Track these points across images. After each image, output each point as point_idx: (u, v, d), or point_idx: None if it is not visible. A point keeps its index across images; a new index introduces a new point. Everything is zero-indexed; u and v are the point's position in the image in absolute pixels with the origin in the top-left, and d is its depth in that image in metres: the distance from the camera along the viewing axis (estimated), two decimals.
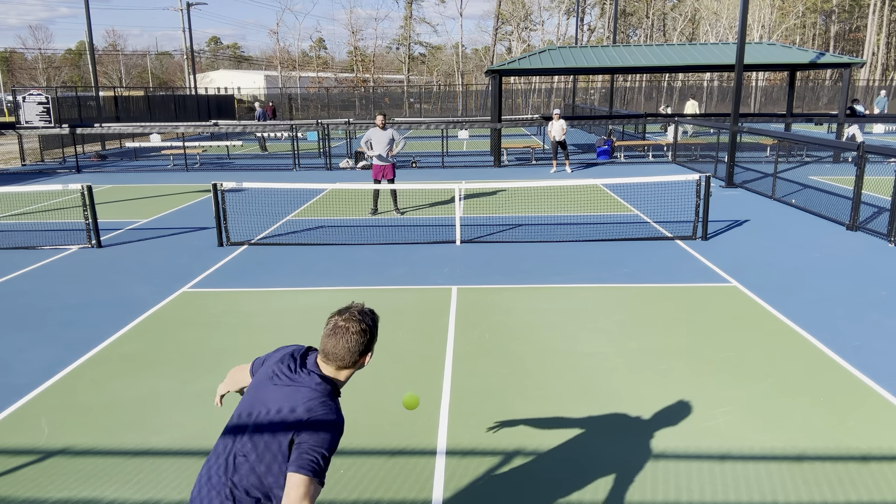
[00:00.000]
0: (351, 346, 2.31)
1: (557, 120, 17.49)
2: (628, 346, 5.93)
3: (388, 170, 12.07)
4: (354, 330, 2.31)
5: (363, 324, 2.33)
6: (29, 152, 23.13)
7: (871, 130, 29.20)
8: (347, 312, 2.35)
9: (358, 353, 2.33)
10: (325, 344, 2.33)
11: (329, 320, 2.36)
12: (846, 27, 66.89)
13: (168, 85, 73.33)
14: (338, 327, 2.32)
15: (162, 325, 6.70)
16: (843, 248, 9.26)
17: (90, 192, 9.95)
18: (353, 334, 2.31)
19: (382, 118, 12.01)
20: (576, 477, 4.01)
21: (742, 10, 13.97)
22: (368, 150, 12.01)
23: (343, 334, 2.30)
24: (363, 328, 2.33)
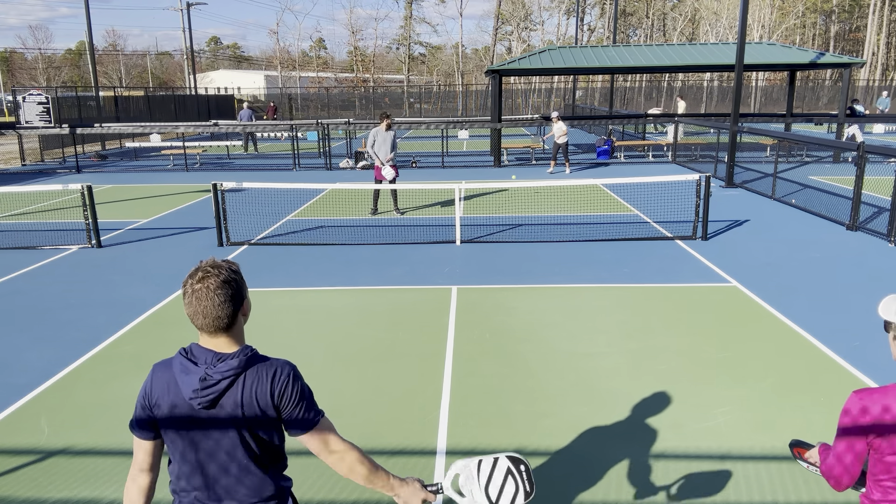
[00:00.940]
0: (221, 301, 1.98)
1: (557, 122, 17.25)
2: (628, 346, 5.93)
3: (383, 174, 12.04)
4: (216, 284, 1.97)
5: (221, 275, 2.00)
6: (29, 152, 23.13)
7: (871, 130, 29.20)
8: (199, 272, 2.00)
9: (231, 305, 2.00)
10: (194, 315, 1.99)
11: (184, 290, 2.01)
12: (846, 27, 66.90)
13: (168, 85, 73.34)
14: (196, 290, 1.98)
15: (162, 325, 6.70)
16: (843, 248, 9.26)
17: (90, 192, 9.95)
18: (217, 289, 1.97)
19: (388, 120, 11.98)
20: (576, 477, 4.00)
21: (742, 10, 13.97)
22: (371, 150, 11.97)
23: (206, 294, 1.97)
24: (224, 279, 1.99)
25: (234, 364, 2.00)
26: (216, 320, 1.99)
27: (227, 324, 2.01)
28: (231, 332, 2.05)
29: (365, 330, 6.45)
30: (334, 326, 6.56)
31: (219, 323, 2.00)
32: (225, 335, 2.04)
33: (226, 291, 1.99)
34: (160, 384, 2.04)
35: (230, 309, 2.00)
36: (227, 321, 2.01)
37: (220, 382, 1.99)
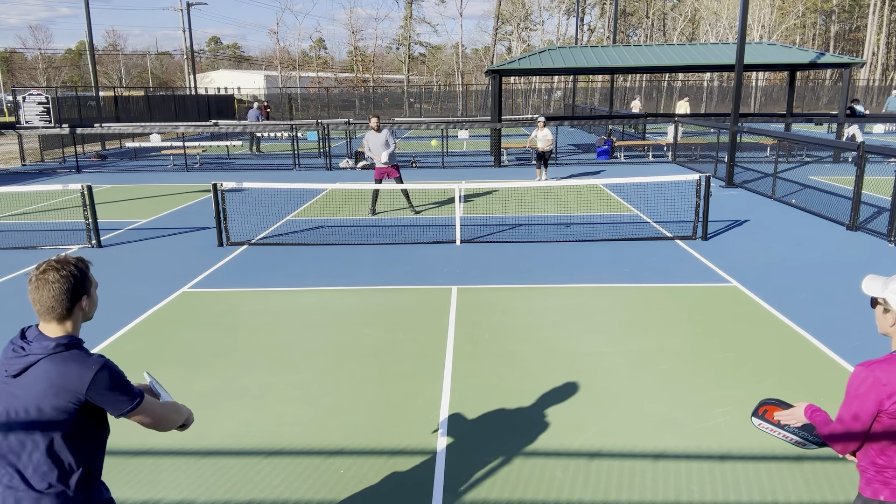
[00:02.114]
0: (56, 293, 2.19)
1: (542, 128, 15.58)
2: (628, 346, 5.93)
3: (390, 170, 12.06)
4: (54, 278, 2.19)
5: (63, 270, 2.21)
6: (29, 152, 23.13)
7: (871, 130, 29.20)
8: (44, 264, 2.22)
9: (67, 299, 2.21)
10: (33, 302, 2.21)
11: (29, 279, 2.24)
12: (846, 27, 66.91)
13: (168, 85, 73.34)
14: (38, 280, 2.20)
15: (162, 325, 6.70)
16: (843, 248, 9.26)
17: (90, 192, 9.95)
18: (54, 282, 2.19)
19: (376, 120, 11.99)
20: (576, 476, 4.01)
21: (742, 10, 13.97)
22: (368, 153, 12.00)
23: (44, 285, 2.19)
24: (63, 274, 2.21)
25: (49, 346, 2.18)
26: (53, 311, 2.21)
27: (62, 314, 2.22)
28: (67, 322, 2.24)
29: (365, 330, 6.45)
30: (334, 326, 6.56)
31: (55, 314, 2.22)
32: (56, 323, 2.23)
33: (62, 287, 2.20)
34: None
35: (68, 304, 2.22)
36: (63, 312, 2.22)
37: (29, 357, 2.17)
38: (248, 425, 4.67)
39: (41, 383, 2.16)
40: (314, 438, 4.48)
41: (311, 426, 4.64)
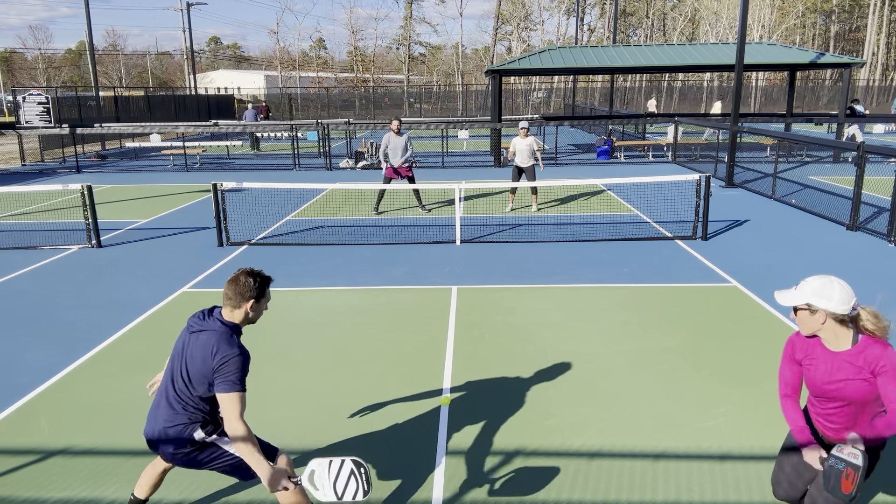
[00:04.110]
0: (239, 288, 3.09)
1: (525, 137, 11.90)
2: (628, 346, 5.93)
3: (402, 170, 12.05)
4: (244, 279, 3.10)
5: (251, 276, 3.12)
6: (29, 152, 23.13)
7: (871, 130, 29.20)
8: (242, 269, 3.16)
9: (244, 295, 3.09)
10: (224, 290, 3.13)
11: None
12: (846, 27, 66.90)
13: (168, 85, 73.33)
14: (235, 277, 3.12)
15: (162, 325, 6.70)
16: (843, 248, 9.26)
17: (90, 192, 9.95)
18: (242, 282, 3.09)
19: (398, 123, 11.96)
20: (576, 476, 4.01)
21: (742, 10, 13.97)
22: (384, 160, 11.96)
23: (234, 281, 3.10)
24: (249, 278, 3.11)
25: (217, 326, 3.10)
26: (231, 300, 3.12)
27: (236, 304, 3.12)
28: (238, 311, 3.13)
29: (365, 330, 6.45)
30: (334, 326, 6.56)
31: (232, 303, 3.12)
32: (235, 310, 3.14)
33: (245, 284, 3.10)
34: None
35: (241, 299, 3.11)
36: (237, 303, 3.11)
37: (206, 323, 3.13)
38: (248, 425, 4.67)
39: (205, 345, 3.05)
40: (314, 438, 4.48)
41: (311, 426, 4.64)
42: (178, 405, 3.12)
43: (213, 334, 3.05)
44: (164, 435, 3.13)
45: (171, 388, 3.14)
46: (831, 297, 2.70)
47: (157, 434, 3.14)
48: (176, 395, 3.12)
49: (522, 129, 11.98)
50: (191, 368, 3.07)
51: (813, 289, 2.74)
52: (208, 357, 3.01)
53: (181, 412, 3.12)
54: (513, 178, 12.12)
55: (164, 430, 3.12)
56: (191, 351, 3.09)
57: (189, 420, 3.12)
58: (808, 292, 2.74)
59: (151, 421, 3.17)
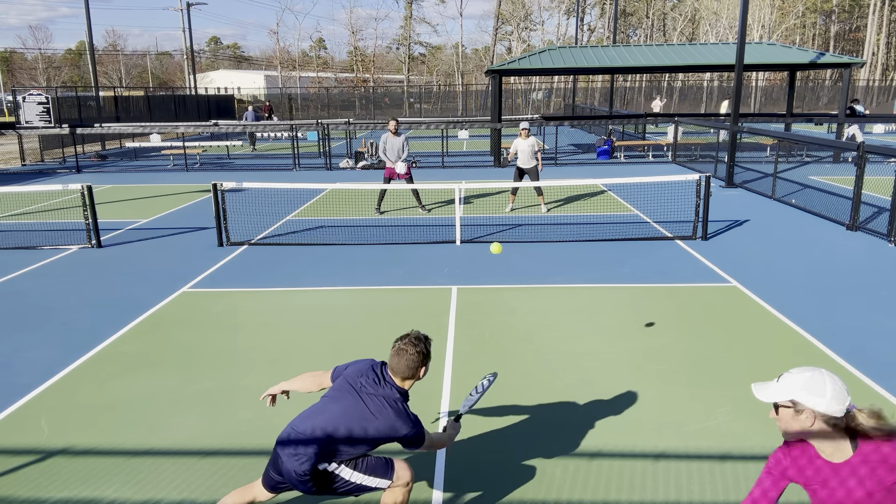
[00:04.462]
0: (410, 363, 3.13)
1: (526, 137, 11.80)
2: (628, 346, 5.93)
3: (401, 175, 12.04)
4: (412, 352, 3.13)
5: (419, 346, 3.15)
6: (29, 152, 23.13)
7: (871, 130, 29.20)
8: (407, 338, 3.18)
9: (415, 368, 3.15)
10: (392, 362, 3.17)
11: (394, 344, 3.19)
12: (846, 27, 66.89)
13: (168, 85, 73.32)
14: (401, 349, 3.15)
15: (162, 325, 6.70)
16: (843, 248, 9.26)
17: (90, 192, 9.95)
18: (412, 355, 3.13)
19: (395, 123, 11.98)
20: (576, 476, 4.01)
21: (742, 10, 13.97)
22: (385, 157, 11.98)
23: (404, 355, 3.13)
24: (419, 350, 3.15)
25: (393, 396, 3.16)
26: (403, 374, 3.16)
27: (407, 376, 3.18)
28: (409, 381, 3.20)
29: (365, 330, 6.45)
30: (335, 327, 6.56)
31: (404, 375, 3.17)
32: (406, 381, 3.21)
33: (416, 359, 3.15)
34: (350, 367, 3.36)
35: (414, 371, 3.17)
36: (409, 376, 3.17)
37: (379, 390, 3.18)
38: (249, 425, 4.67)
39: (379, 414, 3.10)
40: None
41: None
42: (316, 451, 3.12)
43: (392, 410, 3.10)
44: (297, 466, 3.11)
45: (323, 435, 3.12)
46: (823, 393, 2.18)
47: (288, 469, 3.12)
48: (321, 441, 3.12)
49: (523, 129, 11.83)
50: (358, 426, 3.10)
51: (801, 383, 2.23)
52: (388, 430, 3.09)
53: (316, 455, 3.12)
54: (515, 179, 12.07)
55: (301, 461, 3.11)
56: (361, 411, 3.11)
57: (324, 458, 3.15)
58: (795, 387, 2.23)
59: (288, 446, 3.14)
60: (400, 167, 11.84)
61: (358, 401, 3.14)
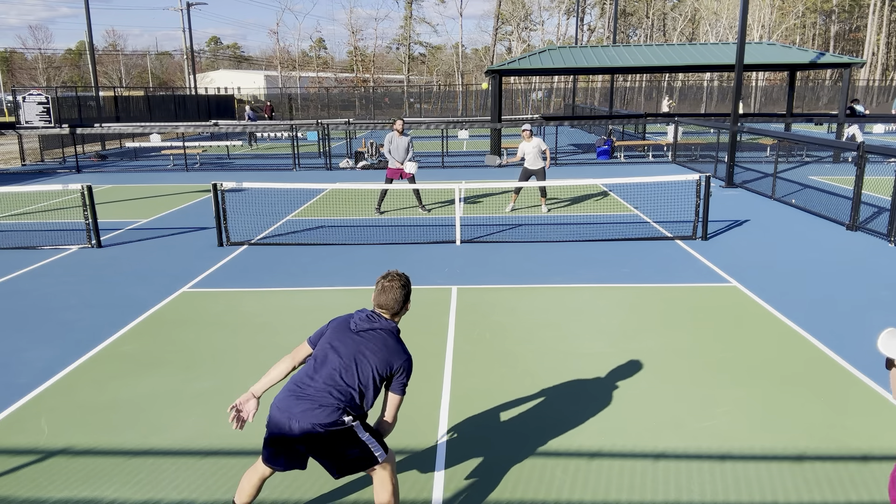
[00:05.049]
0: (398, 296, 3.31)
1: (529, 139, 11.69)
2: (628, 346, 5.93)
3: (404, 171, 12.04)
4: (397, 286, 3.31)
5: (402, 280, 3.34)
6: (29, 152, 23.13)
7: (871, 130, 29.20)
8: (388, 276, 3.36)
9: (402, 301, 3.33)
10: (380, 300, 3.31)
11: (378, 284, 3.33)
12: (846, 27, 66.89)
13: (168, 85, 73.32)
14: (386, 286, 3.31)
15: (162, 325, 6.70)
16: (843, 248, 9.26)
17: (90, 192, 9.95)
18: (397, 289, 3.31)
19: (402, 123, 11.97)
20: (576, 477, 4.00)
21: (742, 10, 13.97)
22: (390, 157, 11.97)
23: (391, 290, 3.30)
24: (402, 283, 3.34)
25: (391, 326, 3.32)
26: (391, 309, 3.33)
27: (396, 311, 3.35)
28: (397, 317, 3.37)
29: None
30: None
31: (392, 311, 3.34)
32: (395, 317, 3.36)
33: (402, 293, 3.33)
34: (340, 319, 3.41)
35: (401, 305, 3.35)
36: (398, 310, 3.35)
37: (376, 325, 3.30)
38: (248, 425, 4.67)
39: (381, 349, 3.23)
40: None
41: None
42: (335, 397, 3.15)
43: (392, 340, 3.27)
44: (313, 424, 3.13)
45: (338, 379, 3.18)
46: None
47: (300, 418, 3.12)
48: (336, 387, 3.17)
49: (525, 131, 11.75)
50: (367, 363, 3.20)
51: None
52: (391, 359, 3.22)
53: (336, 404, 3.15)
54: (521, 179, 11.97)
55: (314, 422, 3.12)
56: (364, 346, 3.23)
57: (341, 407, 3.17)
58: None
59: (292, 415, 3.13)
60: (409, 167, 11.81)
61: (360, 340, 3.25)
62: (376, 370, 3.20)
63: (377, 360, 3.21)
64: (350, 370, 3.18)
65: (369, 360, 3.20)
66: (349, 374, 3.18)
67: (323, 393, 3.14)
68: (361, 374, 3.19)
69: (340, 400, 3.14)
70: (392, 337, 3.27)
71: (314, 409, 3.11)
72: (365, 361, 3.20)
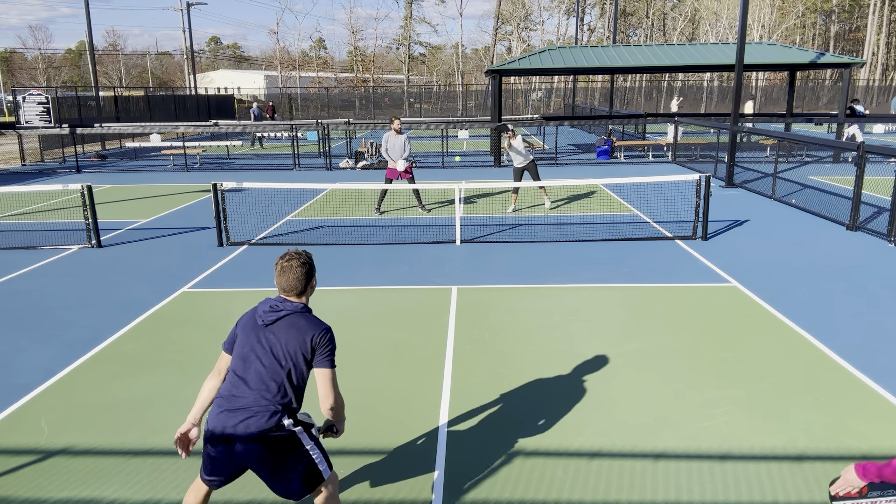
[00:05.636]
0: (299, 275, 3.11)
1: (514, 139, 11.72)
2: (628, 347, 5.93)
3: (402, 173, 12.04)
4: (296, 265, 3.11)
5: (301, 258, 3.13)
6: (29, 152, 23.13)
7: (871, 130, 29.20)
8: (286, 255, 3.15)
9: (304, 280, 3.13)
10: (281, 283, 3.12)
11: (276, 265, 3.14)
12: (846, 27, 66.89)
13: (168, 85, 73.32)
14: (284, 267, 3.11)
15: (162, 325, 6.70)
16: (843, 248, 9.26)
17: (90, 192, 9.95)
18: (297, 268, 3.11)
19: (399, 123, 11.98)
20: (576, 477, 4.01)
21: (742, 10, 13.97)
22: (387, 156, 11.99)
23: (290, 270, 3.10)
24: (302, 262, 3.12)
25: (297, 307, 3.13)
26: (294, 289, 3.14)
27: (300, 291, 3.15)
28: (303, 297, 3.19)
29: (365, 330, 6.45)
30: (334, 326, 6.56)
31: (296, 292, 3.14)
32: (301, 297, 3.18)
33: (303, 271, 3.12)
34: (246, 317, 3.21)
35: (304, 285, 3.15)
36: (301, 290, 3.15)
37: (281, 311, 3.09)
38: None
39: (294, 333, 3.06)
40: None
41: None
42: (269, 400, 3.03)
43: (303, 319, 3.10)
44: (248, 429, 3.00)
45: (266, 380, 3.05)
46: None
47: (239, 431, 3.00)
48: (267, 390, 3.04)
49: (509, 132, 11.74)
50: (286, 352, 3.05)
51: None
52: (305, 338, 3.06)
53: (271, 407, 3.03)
54: (515, 179, 12.09)
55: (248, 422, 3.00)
56: (277, 338, 3.07)
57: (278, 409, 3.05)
58: None
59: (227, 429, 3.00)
60: (400, 164, 11.85)
61: (270, 331, 3.08)
62: (298, 356, 3.05)
63: (295, 346, 3.05)
64: (274, 368, 3.03)
65: (288, 350, 3.04)
66: (274, 371, 3.03)
67: (255, 398, 3.00)
68: (286, 368, 3.03)
69: (274, 402, 3.00)
70: (302, 317, 3.11)
71: (250, 417, 2.98)
72: (284, 353, 3.04)
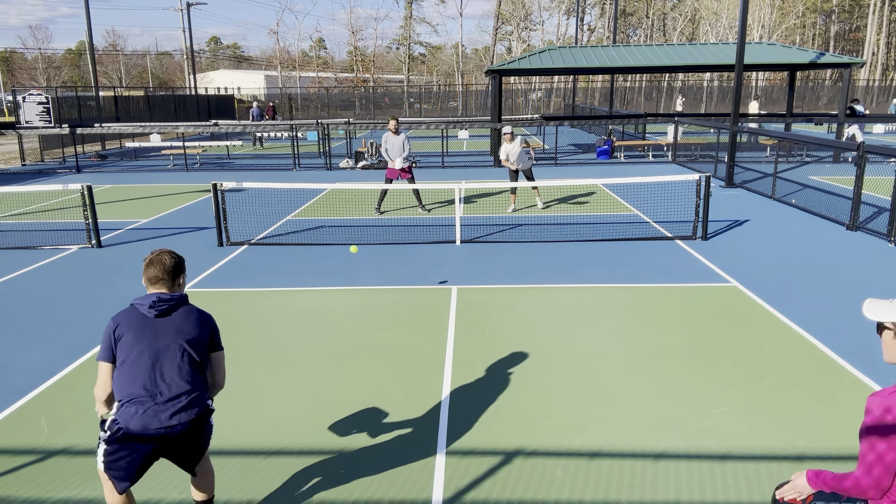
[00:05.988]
0: (167, 264, 3.22)
1: (511, 141, 11.74)
2: (628, 346, 5.93)
3: (402, 171, 12.05)
4: (164, 256, 3.24)
5: (168, 252, 3.27)
6: (29, 152, 23.13)
7: (871, 130, 29.20)
8: (152, 253, 3.28)
9: (173, 268, 3.24)
10: (150, 274, 3.22)
11: (144, 263, 3.26)
12: (846, 27, 66.90)
13: (168, 85, 73.31)
14: (153, 260, 3.23)
15: None
16: (843, 249, 9.26)
17: (90, 192, 9.95)
18: (164, 256, 3.24)
19: (395, 123, 11.97)
20: (575, 476, 4.01)
21: (742, 10, 13.97)
22: (386, 156, 12.01)
23: (158, 261, 3.22)
24: (169, 253, 3.26)
25: (182, 296, 3.26)
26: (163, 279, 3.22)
27: (169, 280, 3.24)
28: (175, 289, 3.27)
29: (365, 330, 6.45)
30: (334, 326, 6.56)
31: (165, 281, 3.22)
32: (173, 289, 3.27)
33: (170, 262, 3.23)
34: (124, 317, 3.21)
35: (172, 275, 3.25)
36: (170, 279, 3.24)
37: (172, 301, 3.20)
38: (248, 425, 4.67)
39: (194, 321, 3.22)
40: (314, 439, 4.48)
41: (311, 426, 4.64)
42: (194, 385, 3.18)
43: (190, 306, 3.26)
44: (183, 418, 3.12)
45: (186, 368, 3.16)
46: None
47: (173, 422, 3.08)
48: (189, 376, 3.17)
49: (506, 134, 11.69)
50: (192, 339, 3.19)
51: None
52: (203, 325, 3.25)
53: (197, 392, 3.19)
54: (511, 178, 12.17)
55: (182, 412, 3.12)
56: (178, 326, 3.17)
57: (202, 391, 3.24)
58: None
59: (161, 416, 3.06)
60: (397, 163, 11.86)
61: (171, 323, 3.17)
62: (203, 341, 3.21)
63: (197, 332, 3.20)
64: (186, 354, 3.15)
65: (192, 336, 3.18)
66: (188, 358, 3.15)
67: (182, 387, 3.11)
68: (198, 352, 3.19)
69: (198, 385, 3.17)
70: (192, 307, 3.26)
71: (184, 407, 3.09)
72: (190, 339, 3.16)
